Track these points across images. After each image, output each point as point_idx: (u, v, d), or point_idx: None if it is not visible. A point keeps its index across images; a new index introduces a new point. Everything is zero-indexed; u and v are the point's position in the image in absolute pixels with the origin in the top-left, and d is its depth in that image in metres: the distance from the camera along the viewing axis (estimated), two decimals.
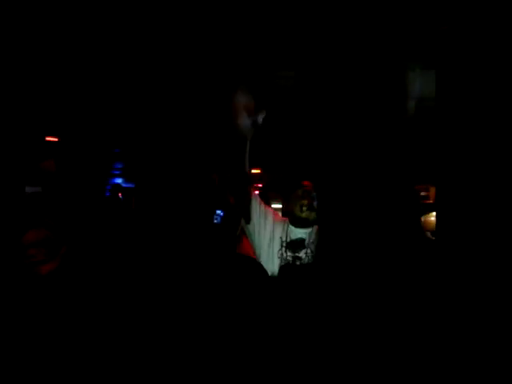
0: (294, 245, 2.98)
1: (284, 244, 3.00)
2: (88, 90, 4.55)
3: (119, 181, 8.41)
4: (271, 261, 2.99)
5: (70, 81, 4.28)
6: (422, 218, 4.27)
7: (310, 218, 2.98)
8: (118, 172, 9.12)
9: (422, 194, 4.94)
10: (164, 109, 5.11)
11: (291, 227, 3.04)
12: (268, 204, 3.50)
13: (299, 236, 3.00)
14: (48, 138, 6.78)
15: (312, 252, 2.94)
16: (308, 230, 2.99)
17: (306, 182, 3.10)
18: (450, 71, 2.77)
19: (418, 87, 3.38)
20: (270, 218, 3.07)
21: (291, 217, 3.06)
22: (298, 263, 2.88)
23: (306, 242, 2.95)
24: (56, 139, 6.85)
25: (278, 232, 3.03)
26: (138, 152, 7.33)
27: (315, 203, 3.01)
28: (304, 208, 2.99)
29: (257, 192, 3.19)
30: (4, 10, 3.01)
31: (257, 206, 3.02)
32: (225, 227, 3.40)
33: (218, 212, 3.79)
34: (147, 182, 7.56)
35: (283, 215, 3.25)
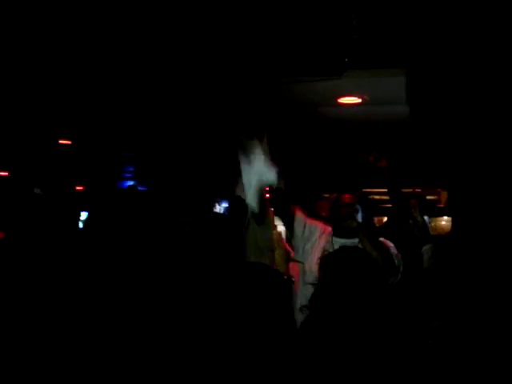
0: None
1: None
2: (99, 94, 4.59)
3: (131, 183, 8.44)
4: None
5: (82, 85, 4.33)
6: None
7: (352, 225, 2.95)
8: (129, 175, 9.16)
9: None
10: (174, 112, 5.14)
11: (335, 238, 3.03)
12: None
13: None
14: (61, 142, 6.84)
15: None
16: (353, 241, 2.94)
17: (346, 195, 3.07)
18: (461, 77, 2.78)
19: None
20: (318, 230, 3.07)
21: (334, 227, 3.06)
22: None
23: None
24: (69, 142, 6.91)
25: (322, 243, 3.03)
26: (149, 155, 7.36)
27: (357, 214, 2.99)
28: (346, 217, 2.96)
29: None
30: (10, 12, 3.04)
31: (301, 223, 3.04)
32: (231, 219, 3.40)
33: (223, 203, 3.79)
34: (159, 184, 7.59)
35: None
